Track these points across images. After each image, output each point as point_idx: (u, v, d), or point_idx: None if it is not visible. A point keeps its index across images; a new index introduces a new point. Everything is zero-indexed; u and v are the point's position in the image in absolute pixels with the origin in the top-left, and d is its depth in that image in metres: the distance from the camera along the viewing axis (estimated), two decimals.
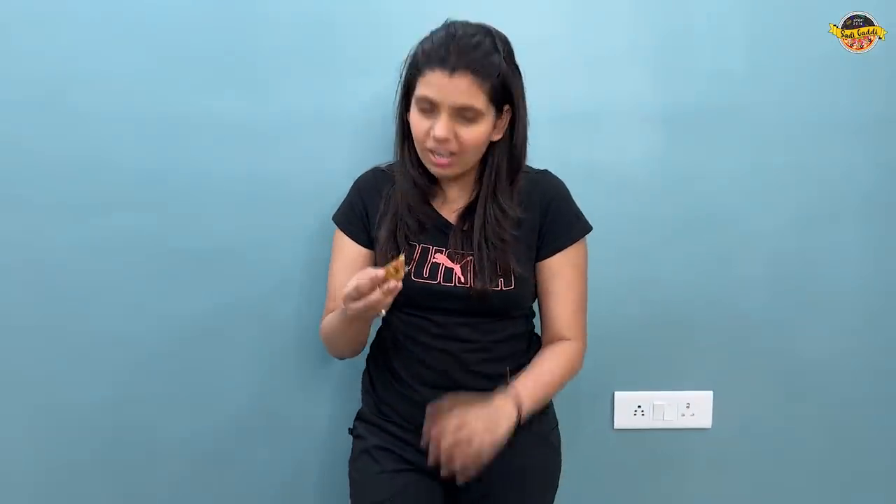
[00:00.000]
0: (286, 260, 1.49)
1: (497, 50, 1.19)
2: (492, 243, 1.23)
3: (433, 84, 1.16)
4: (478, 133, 1.19)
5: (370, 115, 1.46)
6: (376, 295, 1.08)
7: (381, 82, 1.34)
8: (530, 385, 1.22)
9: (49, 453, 1.54)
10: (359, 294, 1.08)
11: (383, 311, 1.12)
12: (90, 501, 1.56)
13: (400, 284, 1.09)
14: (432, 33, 1.21)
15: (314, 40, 1.46)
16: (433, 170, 1.24)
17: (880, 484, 1.67)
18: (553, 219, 1.28)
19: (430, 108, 1.18)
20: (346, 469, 1.37)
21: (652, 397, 1.60)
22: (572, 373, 1.30)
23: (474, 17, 1.23)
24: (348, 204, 1.34)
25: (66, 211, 1.47)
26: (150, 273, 1.50)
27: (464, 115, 1.17)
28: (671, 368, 1.61)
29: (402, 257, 1.10)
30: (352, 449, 1.37)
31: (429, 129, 1.18)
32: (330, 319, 1.27)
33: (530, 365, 1.27)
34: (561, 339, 1.30)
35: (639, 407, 1.60)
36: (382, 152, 1.38)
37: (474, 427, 1.12)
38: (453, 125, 1.18)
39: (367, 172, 1.36)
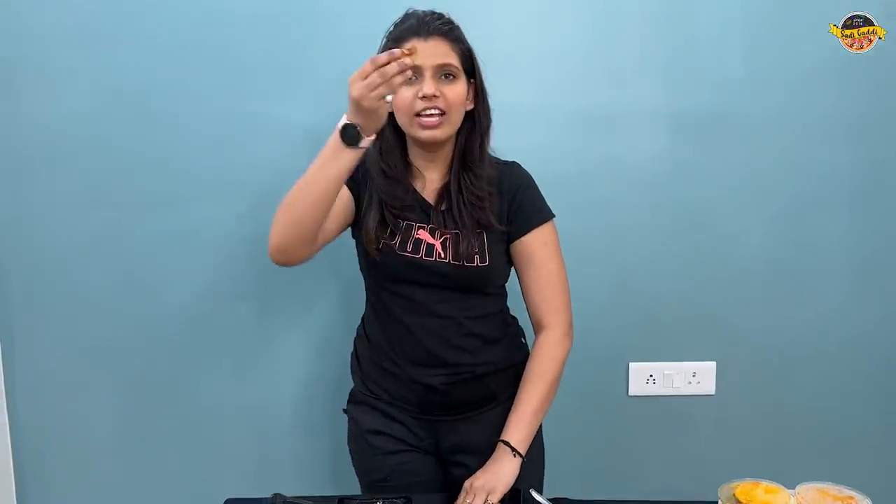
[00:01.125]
0: (342, 249, 1.55)
1: (457, 26, 1.27)
2: (469, 201, 1.27)
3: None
4: (458, 91, 1.25)
5: None
6: (393, 67, 1.06)
7: None
8: (523, 425, 1.28)
9: (128, 417, 1.68)
10: (374, 65, 1.06)
11: (389, 97, 1.09)
12: (164, 459, 1.70)
13: (412, 63, 1.08)
14: (395, 22, 1.27)
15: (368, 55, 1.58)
16: (423, 134, 1.24)
17: (864, 442, 1.77)
18: (521, 203, 1.32)
19: (413, 75, 1.20)
20: None
21: (662, 367, 1.72)
22: (559, 371, 1.32)
23: (509, 34, 1.36)
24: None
25: (148, 205, 1.60)
26: (221, 259, 1.62)
27: (445, 73, 1.23)
28: (679, 342, 1.72)
29: (413, 44, 1.12)
30: (347, 427, 1.42)
31: (415, 94, 1.22)
32: (304, 175, 1.18)
33: (518, 398, 1.30)
34: (541, 325, 1.33)
35: (651, 376, 1.72)
36: None
37: (479, 486, 1.23)
38: (438, 85, 1.23)
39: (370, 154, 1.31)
